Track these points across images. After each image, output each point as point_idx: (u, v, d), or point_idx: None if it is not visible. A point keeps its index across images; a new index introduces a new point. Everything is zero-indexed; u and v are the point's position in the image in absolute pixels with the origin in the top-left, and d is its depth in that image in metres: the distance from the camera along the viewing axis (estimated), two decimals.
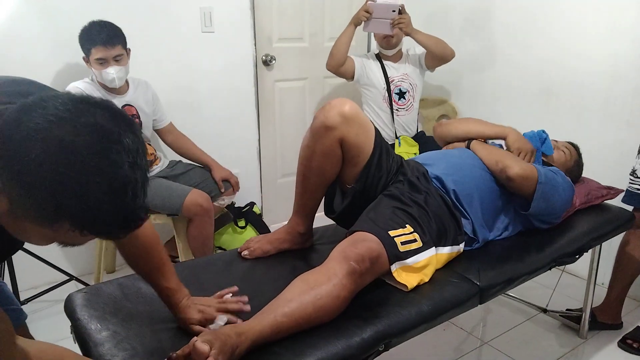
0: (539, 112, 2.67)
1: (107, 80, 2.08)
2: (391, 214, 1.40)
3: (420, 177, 1.58)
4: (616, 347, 2.05)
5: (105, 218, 0.69)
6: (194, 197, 2.15)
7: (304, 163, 1.49)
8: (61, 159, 0.65)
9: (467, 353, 2.03)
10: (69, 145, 0.65)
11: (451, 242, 1.50)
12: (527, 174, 1.60)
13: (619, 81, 2.35)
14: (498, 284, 1.46)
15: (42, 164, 0.65)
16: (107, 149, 0.68)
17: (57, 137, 0.65)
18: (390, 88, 2.79)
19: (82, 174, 0.66)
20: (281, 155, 3.12)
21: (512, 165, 1.60)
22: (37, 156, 0.64)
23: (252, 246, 1.56)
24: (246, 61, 2.80)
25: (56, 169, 0.65)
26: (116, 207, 0.69)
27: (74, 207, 0.67)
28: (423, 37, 2.67)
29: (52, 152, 0.65)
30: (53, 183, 0.65)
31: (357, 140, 1.44)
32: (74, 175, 0.65)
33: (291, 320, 1.10)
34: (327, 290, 1.14)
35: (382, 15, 2.63)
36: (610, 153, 2.39)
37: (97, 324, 1.17)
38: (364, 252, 1.23)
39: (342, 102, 1.42)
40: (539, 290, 2.34)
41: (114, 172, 0.68)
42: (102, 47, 2.02)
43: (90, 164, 0.66)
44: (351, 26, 2.70)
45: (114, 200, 0.68)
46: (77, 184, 0.65)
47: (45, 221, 0.68)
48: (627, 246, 2.07)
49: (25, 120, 0.66)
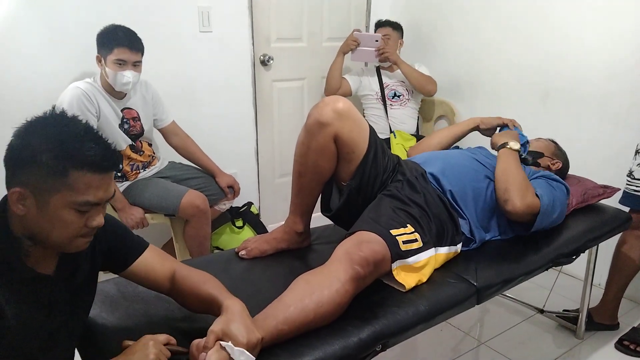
0: (537, 112, 2.68)
1: (119, 83, 2.05)
2: (392, 214, 1.40)
3: (418, 177, 1.58)
4: (613, 348, 2.05)
5: (85, 145, 0.88)
6: (191, 197, 2.14)
7: (299, 161, 1.50)
8: (40, 128, 0.89)
9: (464, 353, 2.03)
10: (41, 120, 0.91)
11: (449, 242, 1.50)
12: (530, 210, 1.56)
13: (616, 81, 2.36)
14: (495, 285, 1.46)
15: (31, 142, 0.87)
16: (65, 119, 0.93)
17: (28, 123, 0.90)
18: (384, 91, 2.97)
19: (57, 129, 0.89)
20: (279, 155, 3.12)
21: (513, 200, 1.54)
22: (27, 140, 0.88)
23: (249, 246, 1.56)
24: (244, 61, 2.79)
25: (42, 134, 0.88)
26: (85, 133, 0.90)
27: (68, 151, 0.87)
28: (406, 69, 2.88)
29: (33, 131, 0.89)
30: (44, 146, 0.86)
31: (351, 136, 1.44)
32: (53, 133, 0.88)
33: (292, 327, 1.10)
34: (329, 296, 1.13)
35: (368, 45, 2.86)
36: (607, 152, 2.39)
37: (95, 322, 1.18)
38: (369, 255, 1.22)
39: (336, 99, 1.43)
40: (536, 291, 2.34)
41: (77, 123, 0.92)
42: (127, 49, 2.02)
43: (62, 122, 0.91)
44: (340, 55, 2.94)
45: (82, 129, 0.91)
46: (57, 137, 0.88)
47: (59, 178, 0.86)
48: (624, 246, 2.08)
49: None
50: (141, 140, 2.26)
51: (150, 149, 2.31)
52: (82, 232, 0.92)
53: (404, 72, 2.87)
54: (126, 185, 2.20)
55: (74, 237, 0.92)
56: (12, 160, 0.89)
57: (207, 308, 1.09)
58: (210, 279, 1.14)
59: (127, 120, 2.17)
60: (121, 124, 2.15)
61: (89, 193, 0.89)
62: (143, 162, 2.26)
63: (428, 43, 3.21)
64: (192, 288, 1.11)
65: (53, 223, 0.89)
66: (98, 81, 2.10)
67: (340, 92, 2.94)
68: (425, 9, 3.20)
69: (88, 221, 0.92)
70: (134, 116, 2.20)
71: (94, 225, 0.92)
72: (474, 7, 2.93)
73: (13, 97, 2.11)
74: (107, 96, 2.11)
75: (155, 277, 1.14)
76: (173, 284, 1.14)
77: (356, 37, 2.85)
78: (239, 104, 2.84)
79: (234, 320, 1.01)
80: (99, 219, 0.93)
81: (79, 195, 0.88)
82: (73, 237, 0.92)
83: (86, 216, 0.91)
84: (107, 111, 2.09)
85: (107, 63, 2.03)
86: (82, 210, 0.90)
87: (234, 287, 1.19)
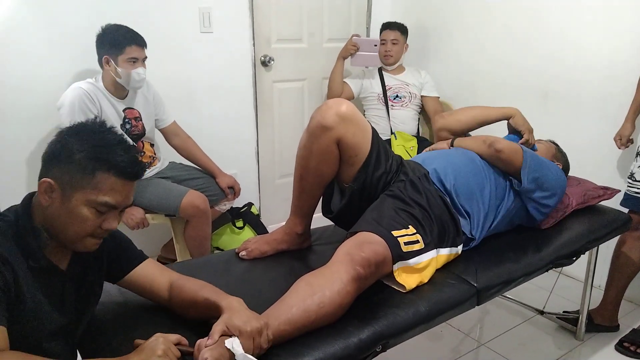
0: (536, 113, 2.66)
1: (134, 80, 2.07)
2: (394, 215, 1.40)
3: (421, 177, 1.57)
4: (613, 349, 2.05)
5: (115, 152, 0.97)
6: (191, 198, 2.14)
7: (301, 163, 1.49)
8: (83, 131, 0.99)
9: (464, 354, 2.03)
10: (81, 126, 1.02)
11: (450, 244, 1.50)
12: (513, 146, 1.68)
13: (614, 82, 2.36)
14: (495, 286, 1.46)
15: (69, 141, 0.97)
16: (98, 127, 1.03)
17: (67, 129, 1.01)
18: (386, 92, 2.98)
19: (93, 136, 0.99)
20: (279, 155, 3.12)
21: (499, 139, 1.70)
22: (67, 141, 0.98)
23: (249, 247, 1.56)
24: (245, 62, 2.80)
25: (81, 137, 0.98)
26: (118, 143, 0.99)
27: (99, 153, 0.96)
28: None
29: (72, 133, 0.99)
30: (80, 147, 0.96)
31: (354, 140, 1.43)
32: (91, 137, 0.98)
33: (293, 328, 1.10)
34: (330, 297, 1.13)
35: (367, 50, 2.86)
36: (607, 153, 2.39)
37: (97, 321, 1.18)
38: (370, 256, 1.23)
39: (339, 102, 1.42)
40: (536, 292, 2.34)
41: (114, 132, 1.02)
42: (138, 47, 2.05)
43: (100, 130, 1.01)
44: (340, 60, 2.94)
45: (116, 139, 1.00)
46: (93, 141, 0.97)
47: (86, 176, 0.95)
48: (623, 247, 2.08)
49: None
50: (143, 140, 2.26)
51: (151, 150, 2.31)
52: (95, 232, 0.99)
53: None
54: None
55: (87, 235, 0.98)
56: (50, 156, 0.98)
57: (206, 313, 1.12)
58: (206, 285, 1.17)
59: (129, 120, 2.18)
60: (123, 124, 2.16)
61: (110, 195, 0.97)
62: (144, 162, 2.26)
63: (428, 45, 3.21)
64: (190, 296, 1.15)
65: (72, 217, 0.96)
66: (100, 81, 2.10)
67: (342, 96, 2.94)
68: (426, 11, 3.20)
69: (104, 223, 0.99)
70: (135, 116, 2.20)
71: (107, 227, 0.99)
72: (473, 9, 2.93)
73: (13, 97, 2.12)
74: (109, 96, 2.11)
75: (156, 287, 1.19)
76: (171, 294, 1.18)
77: (355, 42, 2.85)
78: (239, 104, 2.84)
79: (234, 314, 1.04)
80: (113, 223, 1.00)
81: (100, 195, 0.96)
82: (86, 235, 0.98)
83: (103, 217, 0.98)
84: (108, 111, 2.09)
85: (119, 63, 2.03)
86: (101, 210, 0.97)
87: (234, 287, 1.20)
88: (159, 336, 1.00)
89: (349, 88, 3.00)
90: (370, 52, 2.86)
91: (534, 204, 1.72)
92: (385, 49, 2.94)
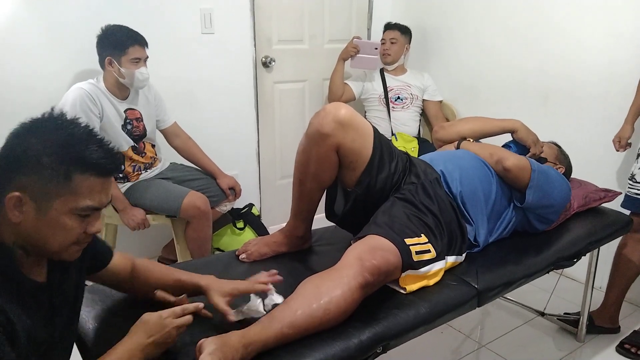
0: (536, 114, 2.68)
1: (138, 80, 2.08)
2: (407, 221, 1.37)
3: (433, 181, 1.55)
4: (613, 351, 2.04)
5: (89, 149, 0.86)
6: (192, 199, 2.14)
7: (300, 169, 1.48)
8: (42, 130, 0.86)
9: (465, 356, 2.03)
10: (41, 121, 0.88)
11: (457, 252, 1.49)
12: (522, 164, 1.63)
13: (615, 83, 2.36)
14: (496, 287, 1.46)
15: (32, 145, 0.84)
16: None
17: (22, 127, 0.87)
18: (387, 94, 2.98)
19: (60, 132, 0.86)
20: (280, 156, 3.12)
21: (507, 156, 1.64)
22: (27, 143, 0.84)
23: (249, 249, 1.55)
24: (246, 63, 2.80)
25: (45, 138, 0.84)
26: (89, 137, 0.88)
27: (71, 154, 0.84)
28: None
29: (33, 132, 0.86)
30: (46, 148, 0.83)
31: (354, 146, 1.41)
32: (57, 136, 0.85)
33: (297, 332, 1.09)
34: (337, 304, 1.13)
35: (367, 52, 2.87)
36: (607, 155, 2.38)
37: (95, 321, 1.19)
38: (382, 265, 1.21)
39: (337, 106, 1.39)
40: (537, 294, 2.34)
41: (78, 125, 0.89)
42: (140, 47, 2.06)
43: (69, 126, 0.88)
44: (340, 62, 2.95)
45: (85, 132, 0.88)
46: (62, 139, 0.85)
47: (62, 182, 0.83)
48: (625, 249, 2.07)
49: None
50: (144, 141, 2.26)
51: (153, 151, 2.32)
52: (80, 238, 0.89)
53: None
54: (128, 186, 2.20)
55: (72, 243, 0.89)
56: (8, 162, 0.84)
57: (178, 292, 1.19)
58: (172, 268, 1.27)
59: (131, 120, 2.18)
60: (124, 124, 2.16)
61: (91, 197, 0.86)
62: (145, 163, 2.27)
63: (429, 46, 3.21)
64: (157, 277, 1.21)
65: (53, 229, 0.86)
66: (101, 82, 2.10)
67: (343, 98, 2.95)
68: (427, 11, 3.20)
69: (88, 227, 0.89)
70: (137, 117, 2.21)
71: (93, 231, 0.90)
72: (474, 9, 2.93)
73: (13, 97, 2.12)
74: (111, 97, 2.11)
75: (122, 275, 1.19)
76: (134, 276, 1.20)
77: (356, 44, 2.85)
78: (240, 105, 2.84)
79: (223, 284, 1.18)
80: (97, 225, 0.91)
81: (80, 200, 0.86)
82: (70, 244, 0.89)
83: (86, 221, 0.89)
84: (110, 112, 2.10)
85: (123, 63, 2.04)
86: (83, 215, 0.87)
87: None
88: (158, 315, 1.03)
89: (350, 89, 3.00)
90: (371, 55, 2.86)
91: (536, 216, 1.72)
92: (384, 47, 2.96)
